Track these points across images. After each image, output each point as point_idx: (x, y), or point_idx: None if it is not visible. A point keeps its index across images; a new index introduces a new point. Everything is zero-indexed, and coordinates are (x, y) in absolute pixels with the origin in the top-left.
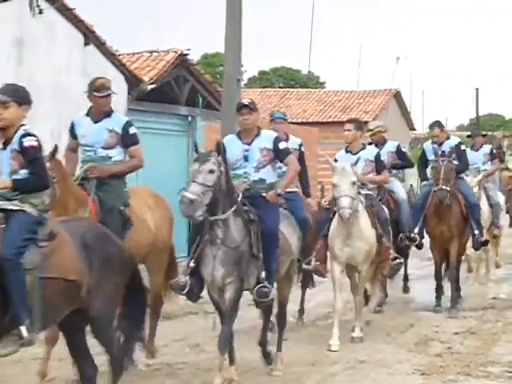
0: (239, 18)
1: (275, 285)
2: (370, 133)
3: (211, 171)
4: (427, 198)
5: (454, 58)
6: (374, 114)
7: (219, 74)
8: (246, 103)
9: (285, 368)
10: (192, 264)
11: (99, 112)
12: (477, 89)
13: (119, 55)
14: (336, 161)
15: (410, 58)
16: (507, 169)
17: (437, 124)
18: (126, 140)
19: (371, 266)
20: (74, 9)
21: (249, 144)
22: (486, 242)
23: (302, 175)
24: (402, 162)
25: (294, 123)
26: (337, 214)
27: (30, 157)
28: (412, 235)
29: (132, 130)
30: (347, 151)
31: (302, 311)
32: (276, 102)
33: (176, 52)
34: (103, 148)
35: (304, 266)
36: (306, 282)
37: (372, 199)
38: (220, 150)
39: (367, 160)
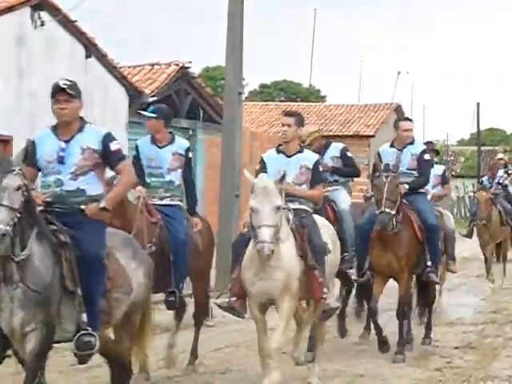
0: (240, 31)
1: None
2: (305, 143)
3: (18, 188)
4: (374, 221)
5: (456, 73)
6: (374, 128)
7: (220, 87)
8: (63, 86)
9: None
10: None
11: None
12: (478, 103)
13: (120, 68)
14: (263, 165)
15: (411, 72)
16: (483, 189)
17: (404, 119)
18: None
19: (299, 305)
20: (75, 21)
21: (67, 142)
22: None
23: (188, 188)
24: (345, 167)
25: None
26: (252, 241)
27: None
28: (361, 273)
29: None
30: (279, 151)
31: (194, 356)
32: (277, 116)
33: (177, 65)
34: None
35: (213, 302)
36: (199, 319)
37: (305, 217)
38: (27, 151)
39: (303, 167)
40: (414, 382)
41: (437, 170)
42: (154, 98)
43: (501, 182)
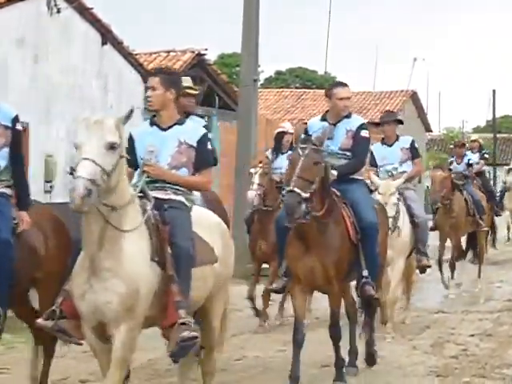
0: (256, 18)
1: None
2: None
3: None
4: None
5: (472, 59)
6: None
7: (236, 74)
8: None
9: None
10: None
11: None
12: (494, 90)
13: (136, 55)
14: (131, 144)
15: (427, 59)
16: (439, 166)
17: (339, 84)
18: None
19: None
20: (91, 8)
21: None
22: (375, 298)
23: (15, 171)
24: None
25: None
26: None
27: None
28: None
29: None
30: (152, 123)
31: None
32: (292, 103)
33: (193, 52)
34: None
35: (39, 321)
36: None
37: (173, 210)
38: None
39: (183, 144)
40: (429, 369)
41: (403, 142)
42: None
43: (471, 163)
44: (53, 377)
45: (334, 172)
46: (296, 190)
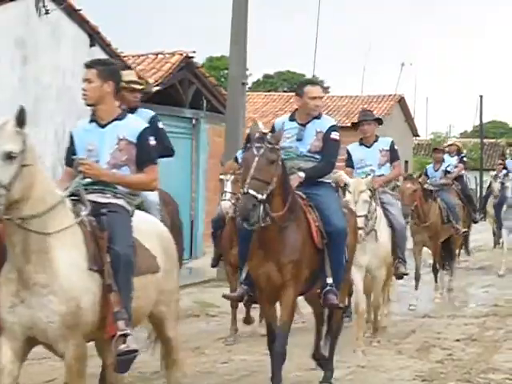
0: (245, 21)
1: None
2: None
3: None
4: None
5: (459, 65)
6: None
7: (224, 77)
8: None
9: (285, 373)
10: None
11: None
12: (481, 96)
13: (124, 57)
14: (71, 143)
15: (415, 64)
16: (410, 177)
17: (310, 82)
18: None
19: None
20: (80, 10)
21: None
22: (343, 308)
23: None
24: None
25: None
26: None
27: None
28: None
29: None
30: (92, 120)
31: None
32: (280, 106)
33: (181, 55)
34: None
35: None
36: None
37: (111, 214)
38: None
39: (123, 140)
40: (415, 373)
41: (382, 143)
42: (158, 88)
43: (449, 169)
44: (38, 378)
45: (301, 174)
46: (251, 191)
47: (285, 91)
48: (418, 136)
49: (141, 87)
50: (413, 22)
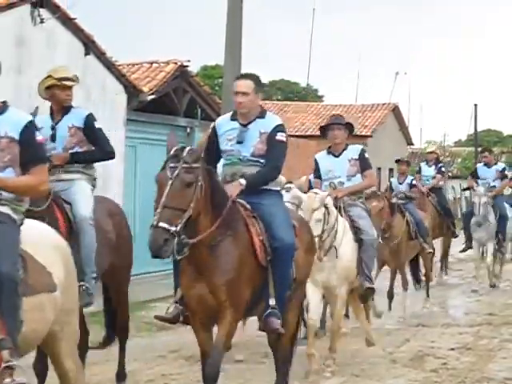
0: (239, 30)
1: None
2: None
3: None
4: None
5: (453, 74)
6: (372, 128)
7: (218, 85)
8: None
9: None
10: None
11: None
12: (475, 105)
13: (119, 66)
14: None
15: (409, 73)
16: (374, 194)
17: (240, 76)
18: None
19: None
20: (75, 19)
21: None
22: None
23: None
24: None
25: (292, 136)
26: None
27: None
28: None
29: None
30: None
31: None
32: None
33: (176, 63)
34: None
35: None
36: None
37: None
38: None
39: (5, 137)
40: (409, 382)
41: (351, 151)
42: (153, 96)
43: (415, 183)
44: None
45: (242, 181)
46: (161, 224)
47: (279, 100)
48: (412, 145)
49: (73, 84)
50: (407, 30)
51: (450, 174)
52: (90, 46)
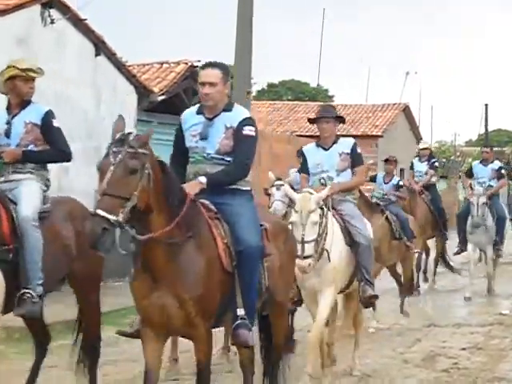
0: (249, 30)
1: None
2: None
3: None
4: None
5: (464, 73)
6: (382, 128)
7: None
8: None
9: (288, 382)
10: None
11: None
12: (486, 104)
13: (129, 66)
14: None
15: (420, 73)
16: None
17: (206, 65)
18: None
19: None
20: (85, 19)
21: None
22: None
23: None
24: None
25: (302, 136)
26: None
27: None
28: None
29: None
30: None
31: None
32: (285, 115)
33: (186, 64)
34: None
35: None
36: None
37: None
38: None
39: None
40: (420, 382)
41: (342, 145)
42: (163, 97)
43: (401, 183)
44: None
45: (202, 179)
46: (99, 212)
47: (289, 100)
48: None
49: (38, 76)
50: (417, 30)
51: (460, 173)
52: (100, 46)
